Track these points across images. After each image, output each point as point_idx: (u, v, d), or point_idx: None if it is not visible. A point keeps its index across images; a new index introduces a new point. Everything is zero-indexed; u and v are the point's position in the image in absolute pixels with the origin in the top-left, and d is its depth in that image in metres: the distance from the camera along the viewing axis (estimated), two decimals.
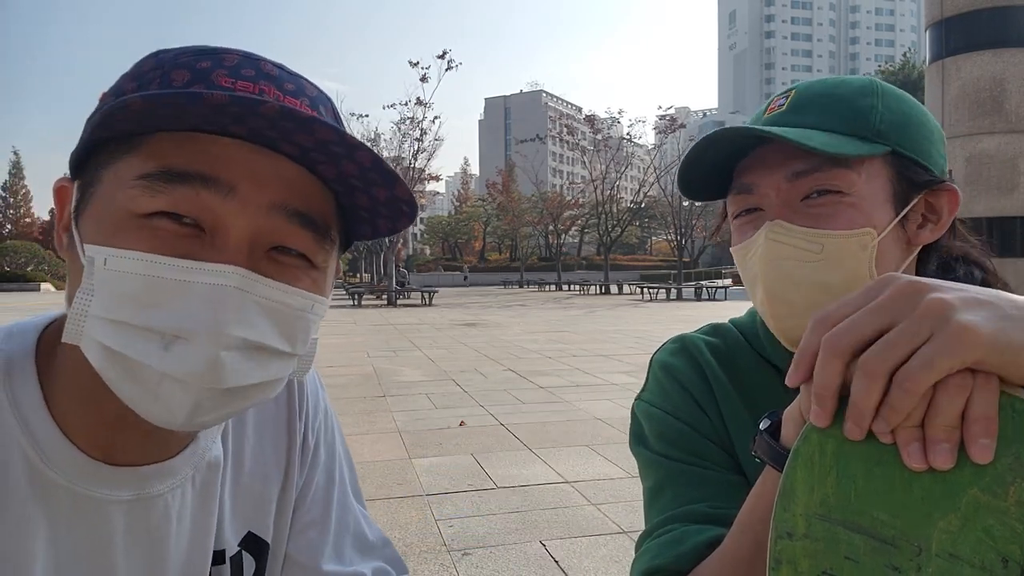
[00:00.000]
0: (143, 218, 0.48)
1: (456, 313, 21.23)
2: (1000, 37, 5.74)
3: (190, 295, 0.47)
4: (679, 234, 36.07)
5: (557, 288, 41.23)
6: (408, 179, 31.22)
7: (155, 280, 0.47)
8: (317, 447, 0.73)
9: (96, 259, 0.48)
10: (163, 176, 0.48)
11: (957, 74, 5.81)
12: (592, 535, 3.57)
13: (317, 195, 0.54)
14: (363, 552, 0.74)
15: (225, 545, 0.64)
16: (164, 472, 0.58)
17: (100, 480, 0.54)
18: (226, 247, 0.49)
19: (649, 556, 0.72)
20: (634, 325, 16.51)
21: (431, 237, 78.18)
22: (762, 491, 0.59)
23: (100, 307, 0.48)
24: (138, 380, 0.48)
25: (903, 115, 0.70)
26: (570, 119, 64.94)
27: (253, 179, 0.50)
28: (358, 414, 6.52)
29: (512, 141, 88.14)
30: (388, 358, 10.56)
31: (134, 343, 0.47)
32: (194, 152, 0.49)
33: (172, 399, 0.48)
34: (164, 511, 0.58)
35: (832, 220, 0.67)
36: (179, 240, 0.48)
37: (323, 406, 0.76)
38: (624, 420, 6.17)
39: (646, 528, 0.77)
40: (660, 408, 0.82)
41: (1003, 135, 5.52)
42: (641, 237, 79.21)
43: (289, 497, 0.70)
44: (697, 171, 0.74)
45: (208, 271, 0.48)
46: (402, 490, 4.29)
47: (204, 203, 0.49)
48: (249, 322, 0.49)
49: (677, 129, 40.18)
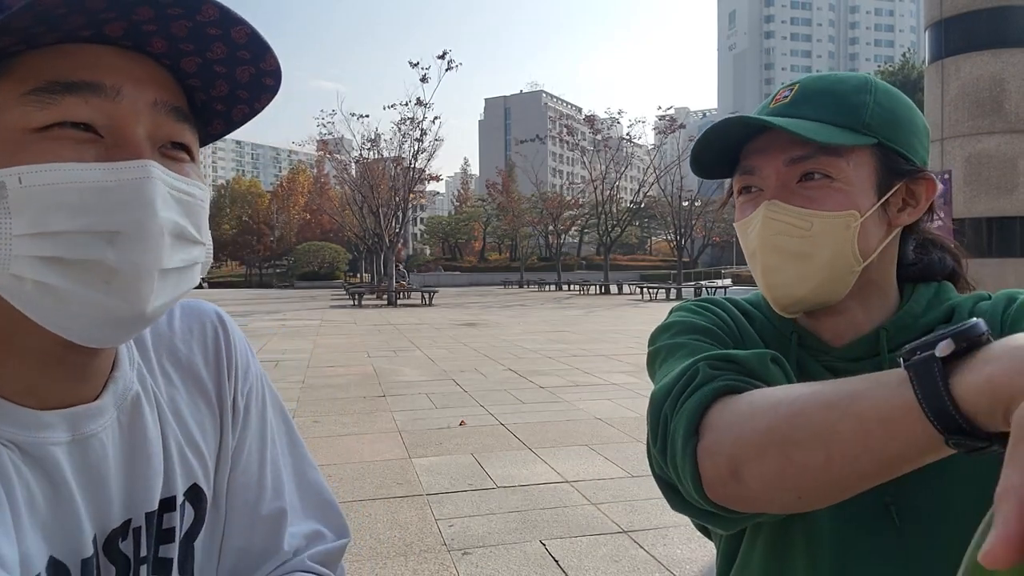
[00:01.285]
0: (38, 132, 0.50)
1: (456, 313, 21.23)
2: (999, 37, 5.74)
3: (118, 192, 0.50)
4: (679, 234, 36.02)
5: (557, 288, 41.24)
6: (408, 179, 31.26)
7: (80, 186, 0.49)
8: (248, 410, 0.75)
9: (8, 180, 0.48)
10: (50, 88, 0.50)
11: (957, 74, 5.81)
12: (592, 535, 3.57)
13: (180, 91, 0.58)
14: (298, 515, 0.76)
15: (175, 492, 0.65)
16: (92, 412, 0.59)
17: (35, 424, 0.55)
18: (129, 145, 0.52)
19: (708, 378, 0.67)
20: (634, 325, 16.52)
21: (431, 237, 78.19)
22: (881, 406, 0.50)
23: (26, 225, 0.49)
24: (89, 283, 0.50)
25: (892, 111, 0.79)
26: (570, 119, 64.98)
27: (132, 80, 0.53)
28: (358, 414, 6.52)
29: (512, 141, 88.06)
30: (388, 358, 10.57)
31: (79, 247, 0.50)
32: (73, 63, 0.51)
33: (129, 291, 0.51)
34: (101, 450, 0.59)
35: (822, 202, 0.76)
36: (82, 146, 0.50)
37: (254, 370, 0.77)
38: (624, 420, 6.17)
39: (667, 380, 0.72)
40: (692, 313, 0.88)
41: (1003, 135, 5.52)
42: (641, 237, 79.26)
43: (225, 456, 0.71)
44: (707, 153, 0.83)
45: (129, 167, 0.51)
46: (402, 490, 4.29)
47: (96, 108, 0.51)
48: (172, 209, 0.53)
49: (677, 129, 40.10)
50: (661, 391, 0.71)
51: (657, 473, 0.72)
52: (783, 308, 0.81)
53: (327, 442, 5.45)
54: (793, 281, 0.78)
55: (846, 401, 0.53)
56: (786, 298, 0.80)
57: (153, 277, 0.52)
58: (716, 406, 0.65)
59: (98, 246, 0.50)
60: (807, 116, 0.77)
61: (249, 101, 0.62)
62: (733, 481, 0.61)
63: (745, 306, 0.91)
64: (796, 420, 0.56)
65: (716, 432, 0.63)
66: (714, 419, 0.64)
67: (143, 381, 0.66)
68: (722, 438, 0.62)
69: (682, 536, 3.53)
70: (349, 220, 41.74)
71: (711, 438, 0.63)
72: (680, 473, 0.65)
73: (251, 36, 0.55)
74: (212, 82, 0.59)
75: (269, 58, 0.58)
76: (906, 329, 0.80)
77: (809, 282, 0.77)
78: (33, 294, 0.51)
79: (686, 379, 0.69)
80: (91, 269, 0.50)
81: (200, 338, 0.73)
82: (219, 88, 0.60)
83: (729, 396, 0.65)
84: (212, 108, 0.62)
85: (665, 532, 3.60)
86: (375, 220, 32.16)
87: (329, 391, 7.74)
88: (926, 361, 0.48)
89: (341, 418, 6.35)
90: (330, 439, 5.54)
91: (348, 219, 41.96)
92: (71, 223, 0.49)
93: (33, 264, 0.49)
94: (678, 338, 0.83)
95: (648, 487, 4.31)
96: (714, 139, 0.81)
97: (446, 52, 30.50)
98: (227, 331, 0.75)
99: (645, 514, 3.86)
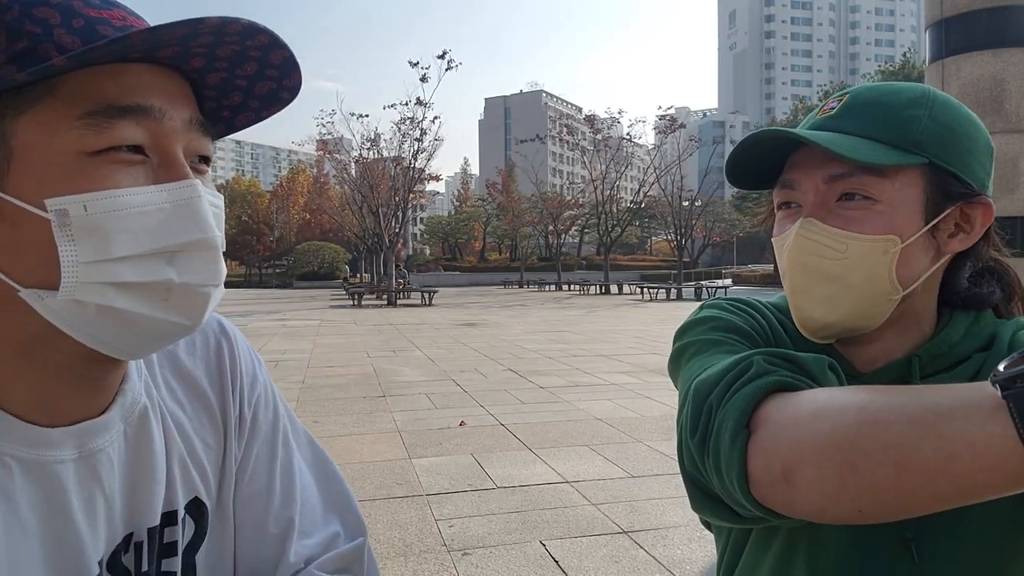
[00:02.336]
0: (94, 156, 0.50)
1: (456, 313, 21.23)
2: (1000, 37, 5.73)
3: (175, 213, 0.52)
4: (679, 234, 36.02)
5: (557, 288, 41.24)
6: (408, 179, 31.25)
7: (142, 210, 0.50)
8: (256, 420, 0.74)
9: (71, 208, 0.48)
10: (107, 112, 0.50)
11: (957, 74, 5.81)
12: (592, 535, 3.57)
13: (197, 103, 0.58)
14: (318, 517, 0.75)
15: (177, 506, 0.65)
16: (100, 427, 0.58)
17: (42, 442, 0.55)
18: (174, 165, 0.53)
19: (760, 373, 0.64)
20: (634, 325, 16.51)
21: (431, 237, 78.18)
22: (972, 431, 0.46)
23: (93, 252, 0.49)
24: (150, 303, 0.52)
25: (948, 128, 0.72)
26: (570, 119, 64.98)
27: (171, 100, 0.54)
28: (358, 414, 6.52)
29: (512, 141, 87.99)
30: (388, 358, 10.56)
31: (144, 270, 0.51)
32: (122, 84, 0.51)
33: (186, 306, 0.53)
34: (109, 465, 0.59)
35: (860, 224, 0.71)
36: (134, 169, 0.51)
37: (261, 379, 0.76)
38: (624, 420, 6.17)
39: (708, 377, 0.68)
40: (727, 311, 0.84)
41: (1003, 135, 5.51)
42: (641, 237, 79.28)
43: (229, 468, 0.71)
44: (743, 164, 0.79)
45: (181, 188, 0.52)
46: (402, 490, 4.29)
47: (145, 130, 0.52)
48: (216, 225, 0.55)
49: (677, 129, 40.08)
50: (707, 380, 0.67)
51: (687, 469, 0.68)
52: (811, 332, 0.77)
53: (327, 442, 5.44)
54: (822, 304, 0.74)
55: (931, 417, 0.48)
56: (814, 321, 0.75)
57: (211, 291, 0.55)
58: (772, 401, 0.60)
59: (161, 267, 0.51)
60: (851, 130, 0.72)
61: (258, 110, 0.62)
62: (784, 484, 0.56)
63: (779, 314, 0.86)
64: (867, 428, 0.51)
65: (771, 428, 0.59)
66: (770, 414, 0.59)
67: (149, 393, 0.65)
68: (778, 435, 0.58)
69: (683, 537, 3.53)
70: (349, 220, 41.75)
71: (765, 434, 0.59)
72: (724, 468, 0.61)
73: (286, 59, 0.56)
74: (228, 93, 0.60)
75: (294, 76, 0.59)
76: (941, 357, 0.76)
77: (839, 307, 0.73)
78: (94, 318, 0.51)
79: (739, 370, 0.65)
80: (154, 289, 0.52)
81: (204, 350, 0.72)
82: (233, 98, 0.60)
83: (787, 392, 0.61)
84: (219, 114, 0.62)
85: (666, 533, 3.59)
86: (375, 220, 32.15)
87: (329, 391, 7.73)
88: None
89: (341, 418, 6.34)
90: (330, 439, 5.54)
91: (348, 219, 41.96)
92: (136, 247, 0.50)
93: (100, 290, 0.50)
94: (711, 334, 0.78)
95: (649, 487, 4.31)
96: (749, 151, 0.77)
97: (446, 52, 30.56)
98: (231, 341, 0.74)
99: (645, 515, 3.85)
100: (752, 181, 0.81)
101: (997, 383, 0.46)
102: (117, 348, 0.54)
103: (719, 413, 0.63)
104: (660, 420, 6.16)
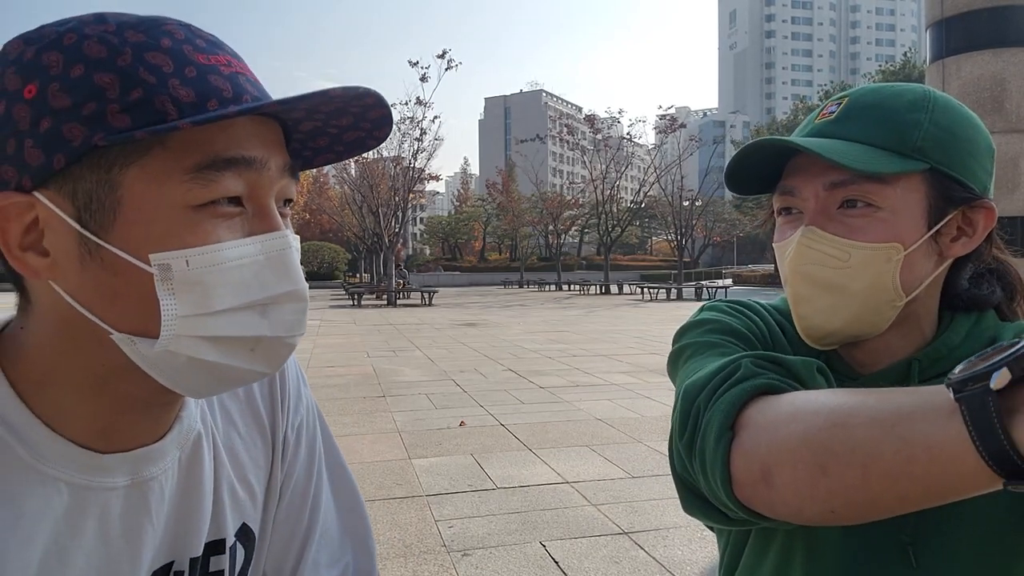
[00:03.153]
0: (197, 209, 0.50)
1: (456, 313, 21.23)
2: (1000, 37, 5.73)
3: (269, 265, 0.52)
4: (679, 234, 36.00)
5: (557, 288, 41.22)
6: (408, 179, 31.24)
7: (240, 263, 0.51)
8: (299, 442, 0.74)
9: (174, 263, 0.49)
10: (215, 165, 0.50)
11: (957, 74, 5.80)
12: (592, 535, 3.56)
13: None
14: (335, 548, 0.75)
15: (225, 534, 0.64)
16: (155, 454, 0.58)
17: (95, 469, 0.55)
18: (268, 215, 0.53)
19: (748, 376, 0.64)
20: (634, 325, 16.51)
21: (431, 237, 78.14)
22: (929, 432, 0.46)
23: (191, 306, 0.50)
24: (238, 354, 0.53)
25: (949, 131, 0.71)
26: (570, 119, 64.97)
27: (269, 150, 0.53)
28: (358, 414, 6.52)
29: (512, 141, 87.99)
30: (388, 358, 10.56)
31: (238, 324, 0.51)
32: (229, 136, 0.51)
33: (270, 356, 0.54)
34: (159, 493, 0.59)
35: (863, 232, 0.70)
36: (233, 222, 0.52)
37: (305, 401, 0.76)
38: (624, 420, 6.17)
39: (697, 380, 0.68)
40: (726, 313, 0.83)
41: (1003, 135, 5.50)
42: (641, 237, 79.25)
43: (273, 490, 0.71)
44: (742, 171, 0.78)
45: (274, 239, 0.53)
46: (402, 490, 4.28)
47: (246, 181, 0.52)
48: (302, 272, 0.56)
49: (677, 129, 40.06)
50: (696, 383, 0.67)
51: (678, 471, 0.68)
52: (815, 340, 0.77)
53: None
54: (825, 312, 0.73)
55: (892, 419, 0.49)
56: (817, 330, 0.75)
57: (296, 341, 0.55)
58: (755, 404, 0.61)
59: (254, 320, 0.52)
60: (851, 136, 0.71)
61: (340, 153, 0.62)
62: (764, 485, 0.57)
63: (779, 316, 0.85)
64: (836, 431, 0.52)
65: (752, 430, 0.59)
66: (752, 417, 0.60)
67: (204, 419, 0.65)
68: (757, 438, 0.58)
69: (683, 537, 3.52)
70: (348, 220, 41.71)
71: (746, 436, 0.59)
72: (708, 470, 0.61)
73: (384, 115, 0.57)
74: (316, 137, 0.59)
75: (385, 130, 0.59)
76: (941, 360, 0.75)
77: (842, 314, 0.73)
78: (182, 366, 0.51)
79: (726, 373, 0.65)
80: (243, 343, 0.52)
81: None
82: (319, 142, 0.60)
83: (770, 395, 0.62)
84: (300, 153, 0.60)
85: (666, 533, 3.59)
86: (375, 220, 32.15)
87: (329, 391, 7.73)
88: (979, 396, 0.43)
89: (341, 418, 6.34)
90: None
91: (348, 219, 41.93)
92: (233, 300, 0.51)
93: (193, 343, 0.50)
94: (709, 336, 0.78)
95: (649, 488, 4.30)
96: (748, 158, 0.76)
97: (446, 51, 30.50)
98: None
99: (646, 515, 3.85)
100: (752, 186, 0.81)
101: (951, 386, 0.46)
102: (192, 390, 0.55)
103: (705, 415, 0.63)
104: (660, 420, 6.16)
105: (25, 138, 0.48)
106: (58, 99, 0.48)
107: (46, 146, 0.48)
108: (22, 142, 0.48)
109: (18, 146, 0.48)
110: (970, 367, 0.45)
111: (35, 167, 0.48)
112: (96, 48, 0.49)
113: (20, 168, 0.49)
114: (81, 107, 0.48)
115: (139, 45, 0.49)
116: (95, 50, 0.49)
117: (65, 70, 0.48)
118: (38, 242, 0.50)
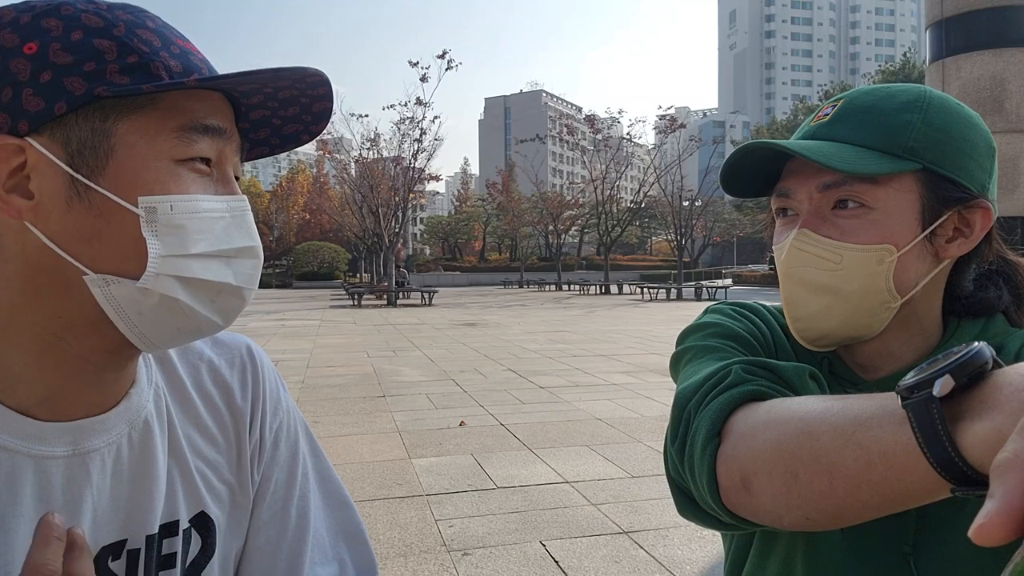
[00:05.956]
0: (179, 163, 0.56)
1: (456, 313, 21.23)
2: (1000, 37, 5.73)
3: (234, 222, 0.59)
4: (679, 234, 36.00)
5: (557, 288, 41.22)
6: (408, 179, 31.23)
7: (212, 215, 0.57)
8: (276, 445, 0.75)
9: (159, 207, 0.54)
10: (198, 128, 0.57)
11: (957, 74, 5.81)
12: (592, 535, 3.57)
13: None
14: (326, 551, 0.75)
15: (179, 516, 0.65)
16: (98, 426, 0.59)
17: (34, 437, 0.56)
18: (229, 181, 0.60)
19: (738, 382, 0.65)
20: (634, 325, 16.51)
21: (431, 237, 78.10)
22: (883, 439, 0.47)
23: (171, 247, 0.55)
24: (203, 300, 0.57)
25: (943, 131, 0.71)
26: (570, 119, 64.92)
27: (231, 125, 0.61)
28: (358, 414, 6.52)
29: (512, 141, 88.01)
30: (388, 358, 10.56)
31: (209, 268, 0.57)
32: (207, 108, 0.58)
33: (228, 308, 0.60)
34: (101, 467, 0.59)
35: (855, 233, 0.71)
36: (204, 180, 0.58)
37: (284, 404, 0.77)
38: (624, 420, 6.17)
39: (693, 383, 0.69)
40: (728, 316, 0.83)
41: (1003, 135, 5.51)
42: (641, 237, 79.24)
43: (246, 491, 0.71)
44: (737, 174, 0.79)
45: (238, 201, 0.60)
46: (402, 490, 4.29)
47: (215, 148, 0.59)
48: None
49: (677, 129, 40.07)
50: (687, 389, 0.68)
51: (671, 475, 0.69)
52: (809, 342, 0.77)
53: (327, 442, 5.44)
54: (818, 315, 0.73)
55: (851, 426, 0.49)
56: (810, 332, 0.75)
57: (249, 295, 0.61)
58: (741, 411, 0.62)
59: (222, 268, 0.58)
60: (843, 138, 0.71)
61: (274, 147, 0.68)
62: (744, 491, 0.58)
63: (782, 319, 0.84)
64: (803, 439, 0.53)
65: (734, 438, 0.60)
66: (736, 424, 0.61)
67: (159, 403, 0.66)
68: (738, 445, 0.59)
69: (683, 537, 3.53)
70: (349, 220, 41.72)
71: (729, 444, 0.60)
72: (696, 475, 0.62)
73: (325, 110, 0.64)
74: (259, 128, 0.65)
75: (321, 124, 0.66)
76: None
77: (836, 316, 0.73)
78: (151, 307, 0.55)
79: (716, 379, 0.66)
80: (210, 287, 0.58)
81: (228, 372, 0.73)
82: (260, 134, 0.66)
83: (756, 402, 0.62)
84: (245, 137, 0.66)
85: (666, 533, 3.59)
86: (375, 220, 32.12)
87: (329, 391, 7.73)
88: (924, 403, 0.43)
89: (341, 418, 6.34)
90: (330, 439, 5.54)
91: (348, 219, 41.93)
92: (206, 246, 0.57)
93: (169, 282, 0.55)
94: (710, 340, 0.78)
95: (648, 488, 4.30)
96: (742, 162, 0.76)
97: (446, 52, 30.53)
98: (256, 366, 0.75)
99: (646, 515, 3.85)
100: (750, 188, 0.81)
101: (899, 393, 0.46)
102: (147, 338, 0.57)
103: (695, 421, 0.65)
104: (660, 420, 6.16)
105: (24, 87, 0.52)
106: (60, 56, 0.53)
107: (47, 95, 0.52)
108: (20, 91, 0.52)
109: (15, 95, 0.52)
110: (919, 373, 0.45)
111: (34, 112, 0.52)
112: (93, 19, 0.55)
113: (14, 115, 0.52)
114: (82, 64, 0.53)
115: (130, 22, 0.56)
116: (92, 20, 0.55)
117: (65, 34, 0.53)
118: (23, 185, 0.53)
